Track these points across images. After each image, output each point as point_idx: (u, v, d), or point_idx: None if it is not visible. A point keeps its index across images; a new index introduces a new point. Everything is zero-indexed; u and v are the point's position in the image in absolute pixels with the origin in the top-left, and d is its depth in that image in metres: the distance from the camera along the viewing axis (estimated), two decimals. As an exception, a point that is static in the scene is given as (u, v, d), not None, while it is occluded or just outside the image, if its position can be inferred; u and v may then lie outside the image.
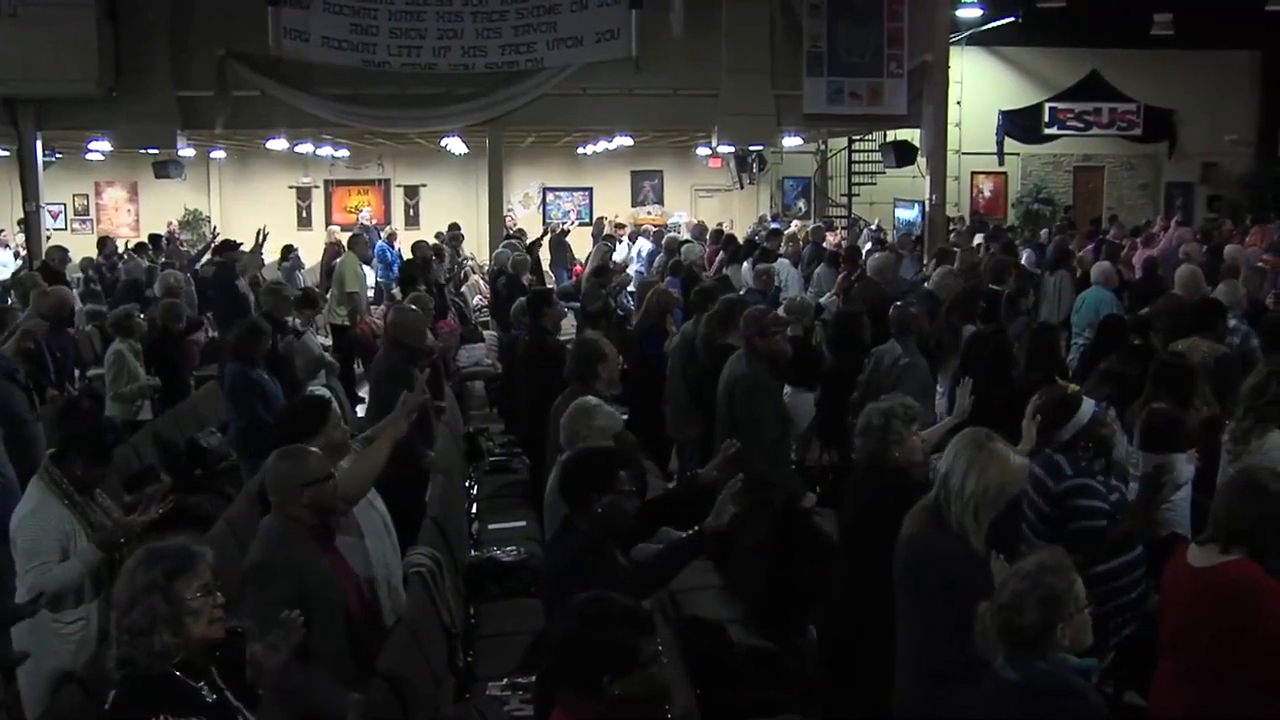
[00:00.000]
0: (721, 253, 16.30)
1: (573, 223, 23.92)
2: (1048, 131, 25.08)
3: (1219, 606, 4.23)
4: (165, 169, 18.49)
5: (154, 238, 19.23)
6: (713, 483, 5.28)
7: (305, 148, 22.07)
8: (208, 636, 3.66)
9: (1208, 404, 6.78)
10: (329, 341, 13.65)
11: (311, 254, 20.36)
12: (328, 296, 14.32)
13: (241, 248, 14.62)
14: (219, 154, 23.73)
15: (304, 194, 26.13)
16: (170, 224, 22.77)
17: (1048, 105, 24.94)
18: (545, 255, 20.12)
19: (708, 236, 18.38)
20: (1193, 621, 4.34)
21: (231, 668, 3.82)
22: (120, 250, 18.34)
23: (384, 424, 5.51)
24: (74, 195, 25.63)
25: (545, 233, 19.39)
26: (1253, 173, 25.14)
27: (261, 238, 15.55)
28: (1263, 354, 8.01)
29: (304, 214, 26.04)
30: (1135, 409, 6.63)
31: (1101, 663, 4.47)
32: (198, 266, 16.02)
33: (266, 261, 17.72)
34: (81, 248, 19.15)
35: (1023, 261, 15.81)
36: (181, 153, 17.77)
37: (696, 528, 4.90)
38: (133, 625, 3.55)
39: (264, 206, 24.12)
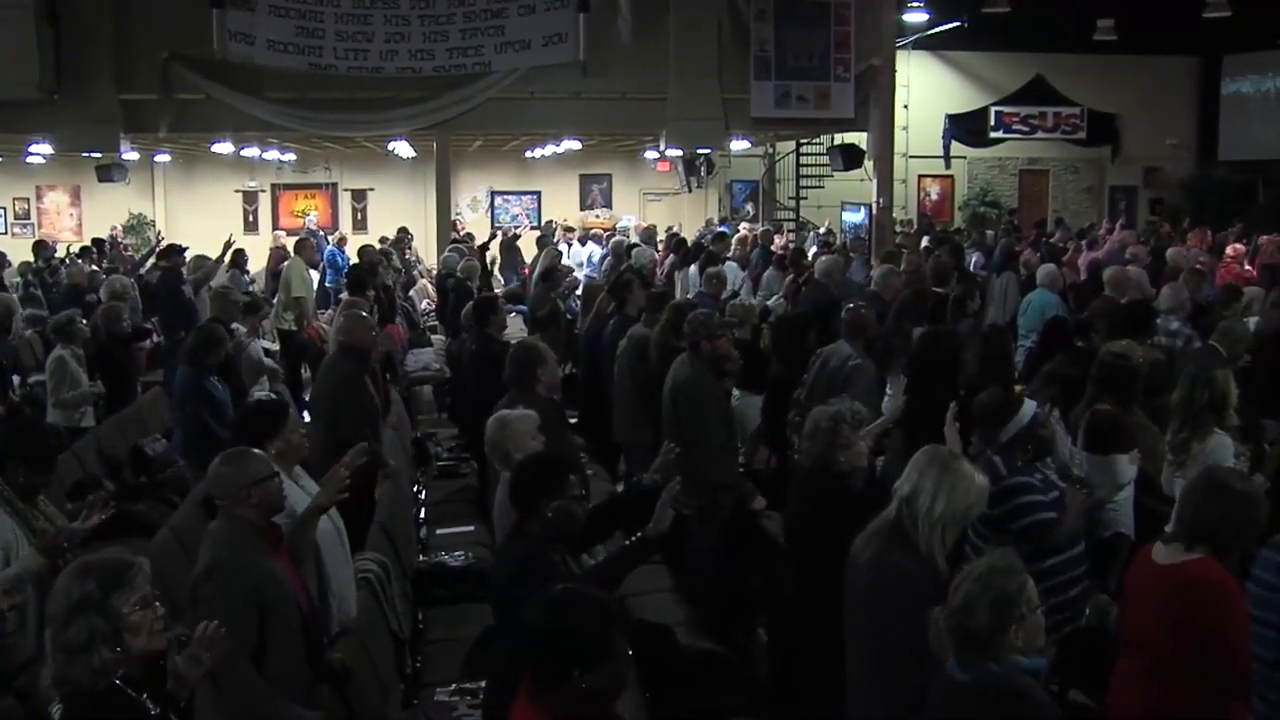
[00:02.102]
0: (672, 256, 16.33)
1: (523, 226, 23.88)
2: (993, 135, 25.31)
3: (1181, 604, 4.26)
4: (108, 173, 18.27)
5: (97, 242, 19.02)
6: (657, 487, 5.27)
7: (251, 151, 21.88)
8: (149, 650, 3.58)
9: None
10: (275, 346, 13.55)
11: (258, 258, 20.20)
12: (274, 301, 14.22)
13: (187, 252, 14.44)
14: (164, 157, 23.44)
15: (250, 198, 25.91)
16: (114, 228, 22.51)
17: (993, 109, 25.17)
18: (495, 258, 20.11)
19: (659, 240, 18.40)
20: (1155, 619, 4.37)
21: (156, 678, 3.74)
22: (62, 255, 18.12)
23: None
24: (14, 199, 25.31)
25: (492, 236, 19.33)
26: (1193, 176, 25.49)
27: (229, 247, 15.38)
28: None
29: (250, 218, 25.81)
30: (1079, 410, 6.71)
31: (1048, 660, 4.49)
32: (142, 271, 15.85)
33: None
34: (21, 252, 18.86)
35: (971, 264, 15.98)
36: (125, 156, 17.55)
37: (639, 533, 4.89)
38: (69, 643, 3.44)
39: (210, 210, 23.93)
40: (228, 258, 15.19)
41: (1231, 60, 25.26)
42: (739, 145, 19.84)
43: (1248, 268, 14.41)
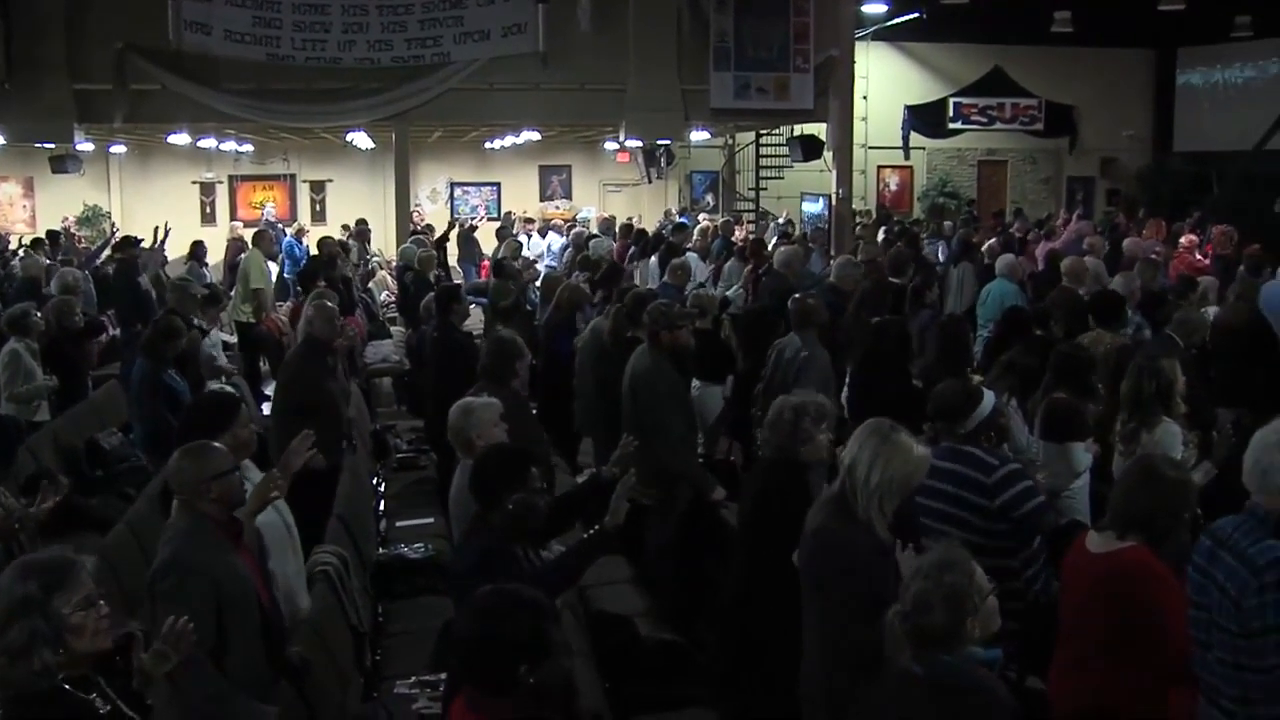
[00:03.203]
0: (632, 247, 16.33)
1: (481, 218, 23.80)
2: (952, 126, 25.43)
3: (1114, 592, 4.31)
4: (63, 164, 18.04)
5: (51, 234, 18.79)
6: (615, 479, 5.27)
7: (208, 142, 21.68)
8: (93, 650, 3.53)
9: (1101, 398, 6.90)
10: (234, 339, 13.46)
11: (216, 250, 20.03)
12: (232, 293, 14.12)
13: (142, 244, 14.33)
14: (119, 149, 23.20)
15: (208, 189, 25.65)
16: (67, 220, 22.26)
17: (952, 100, 25.29)
18: (453, 250, 20.04)
19: (617, 231, 18.40)
20: (1089, 607, 4.42)
21: (122, 675, 3.71)
22: (14, 247, 17.91)
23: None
24: (-34, 191, 25.01)
25: (451, 227, 19.27)
26: (1148, 167, 25.71)
27: (162, 234, 15.27)
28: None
29: (208, 210, 25.55)
30: (1036, 399, 6.76)
31: (1004, 649, 4.53)
32: (98, 263, 15.71)
33: (170, 258, 17.44)
34: (-26, 245, 18.67)
35: (937, 254, 16.08)
36: (79, 147, 17.36)
37: (596, 526, 4.89)
38: (9, 645, 3.38)
39: (167, 202, 23.62)
40: (166, 246, 15.03)
41: (1185, 53, 25.49)
42: (699, 136, 19.90)
43: (1198, 257, 14.56)
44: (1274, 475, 3.78)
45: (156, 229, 15.17)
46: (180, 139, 19.85)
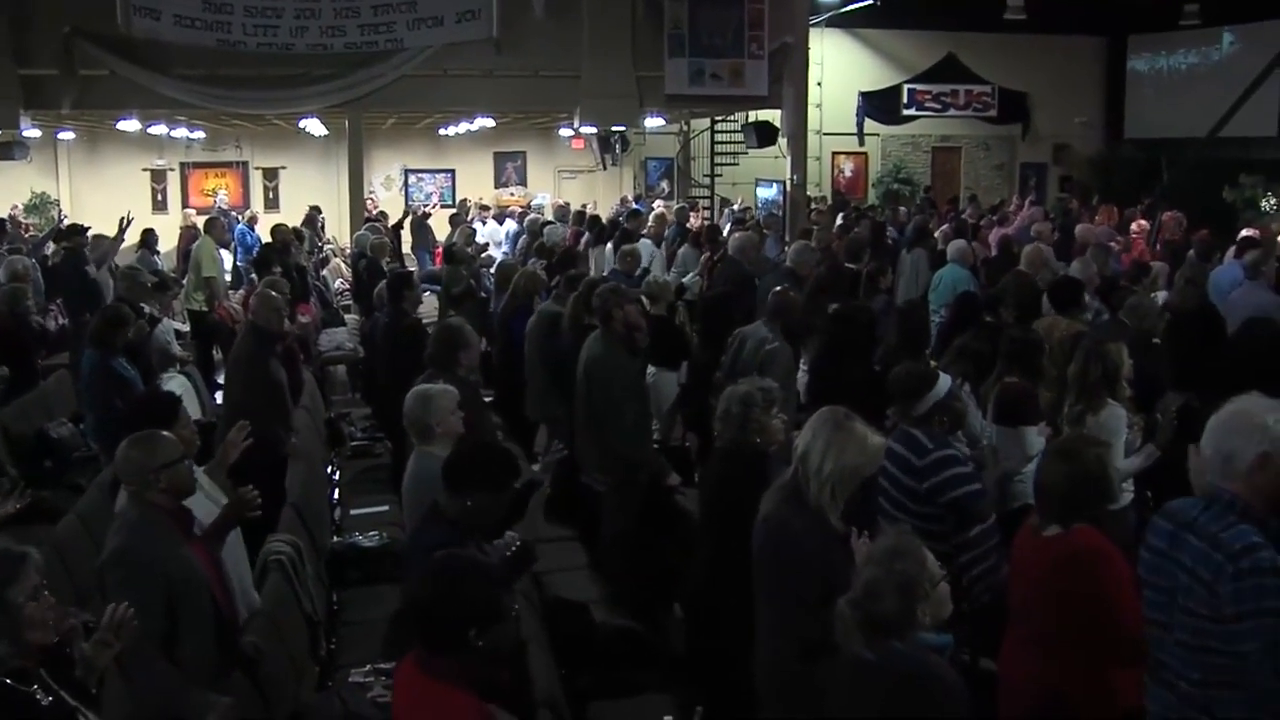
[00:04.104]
0: (586, 234, 16.30)
1: (435, 205, 23.69)
2: (906, 113, 25.55)
3: (1063, 574, 4.35)
4: (9, 150, 17.81)
5: (-3, 221, 18.53)
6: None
7: (159, 129, 21.44)
8: (43, 642, 3.52)
9: (1058, 383, 6.95)
10: (186, 328, 13.34)
11: (168, 238, 19.84)
12: (184, 282, 13.99)
13: (90, 232, 14.13)
14: (67, 135, 22.93)
15: (159, 177, 25.43)
16: (14, 208, 21.96)
17: (906, 87, 25.40)
18: (407, 238, 19.96)
19: (570, 218, 18.36)
20: (1039, 589, 4.45)
21: (63, 665, 3.67)
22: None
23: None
24: (-92, 178, 24.62)
25: (405, 215, 19.17)
26: (1100, 154, 25.94)
27: (125, 224, 15.08)
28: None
29: (159, 197, 25.34)
30: (989, 384, 6.81)
31: (959, 632, 4.56)
32: (46, 251, 15.49)
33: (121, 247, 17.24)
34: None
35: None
36: (26, 133, 17.09)
37: (520, 542, 4.89)
38: None
39: (116, 190, 23.40)
40: (128, 236, 14.86)
41: (1136, 40, 25.71)
42: (653, 123, 19.88)
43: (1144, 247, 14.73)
44: (1238, 461, 3.78)
45: (121, 219, 14.95)
46: (130, 125, 19.59)
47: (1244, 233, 13.47)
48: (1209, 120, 20.78)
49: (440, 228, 20.64)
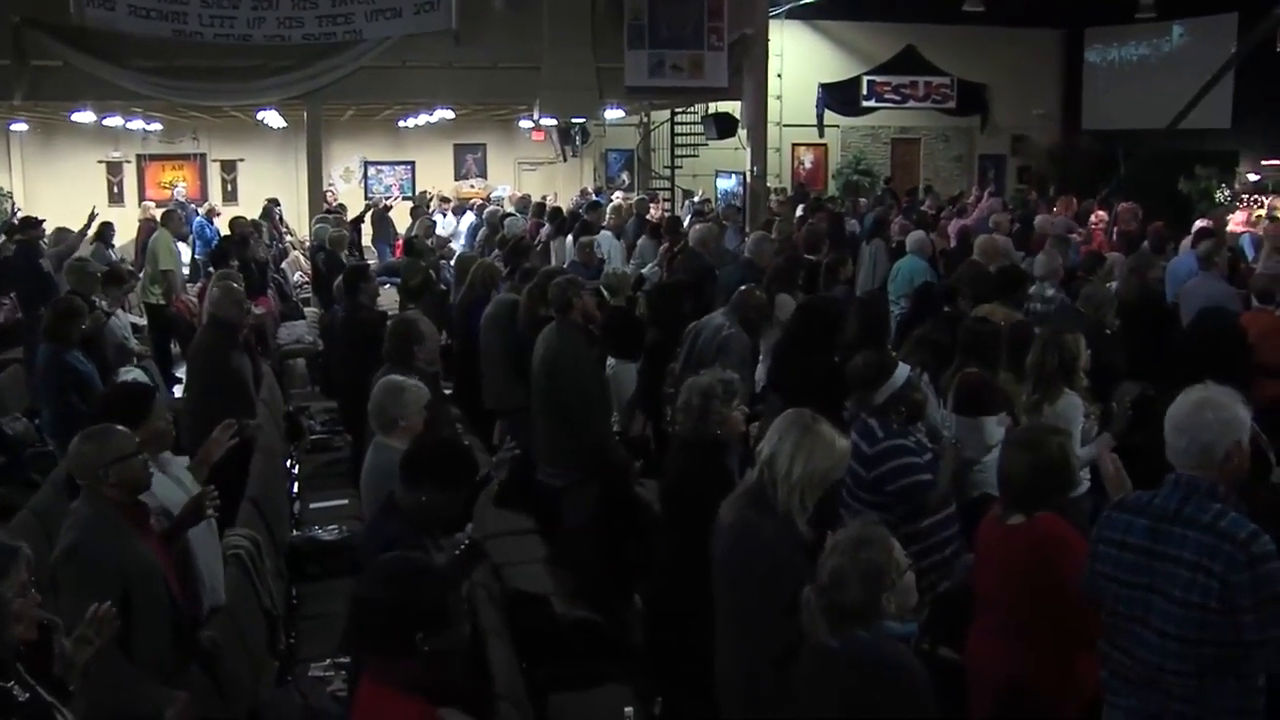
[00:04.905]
0: (546, 226, 16.27)
1: (395, 198, 23.59)
2: (866, 104, 25.55)
3: (1028, 562, 4.39)
4: (-40, 142, 17.63)
5: (-51, 216, 18.34)
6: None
7: (115, 121, 21.18)
8: (27, 638, 3.48)
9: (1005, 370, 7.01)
10: (143, 321, 13.24)
11: (125, 231, 19.65)
12: (141, 275, 13.87)
13: (45, 224, 13.98)
14: (20, 126, 22.64)
15: (115, 169, 25.14)
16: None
17: (866, 78, 25.40)
18: (368, 230, 19.88)
19: (530, 210, 18.33)
20: (1005, 577, 4.49)
21: (40, 661, 3.64)
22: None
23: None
24: None
25: (367, 209, 19.11)
26: (1058, 146, 26.11)
27: (90, 219, 14.91)
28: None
29: (115, 190, 25.05)
30: (948, 375, 6.85)
31: (919, 620, 4.58)
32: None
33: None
34: None
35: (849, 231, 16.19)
36: (-23, 126, 16.94)
37: (469, 541, 4.87)
38: None
39: (71, 182, 23.17)
40: (92, 230, 14.72)
41: (1092, 32, 25.87)
42: (614, 114, 19.85)
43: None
44: (1217, 450, 3.80)
45: (91, 214, 14.76)
46: (85, 117, 19.37)
47: (1198, 224, 13.60)
48: (1161, 112, 20.95)
49: (401, 220, 20.57)
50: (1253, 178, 18.76)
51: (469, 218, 19.77)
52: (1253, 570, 3.62)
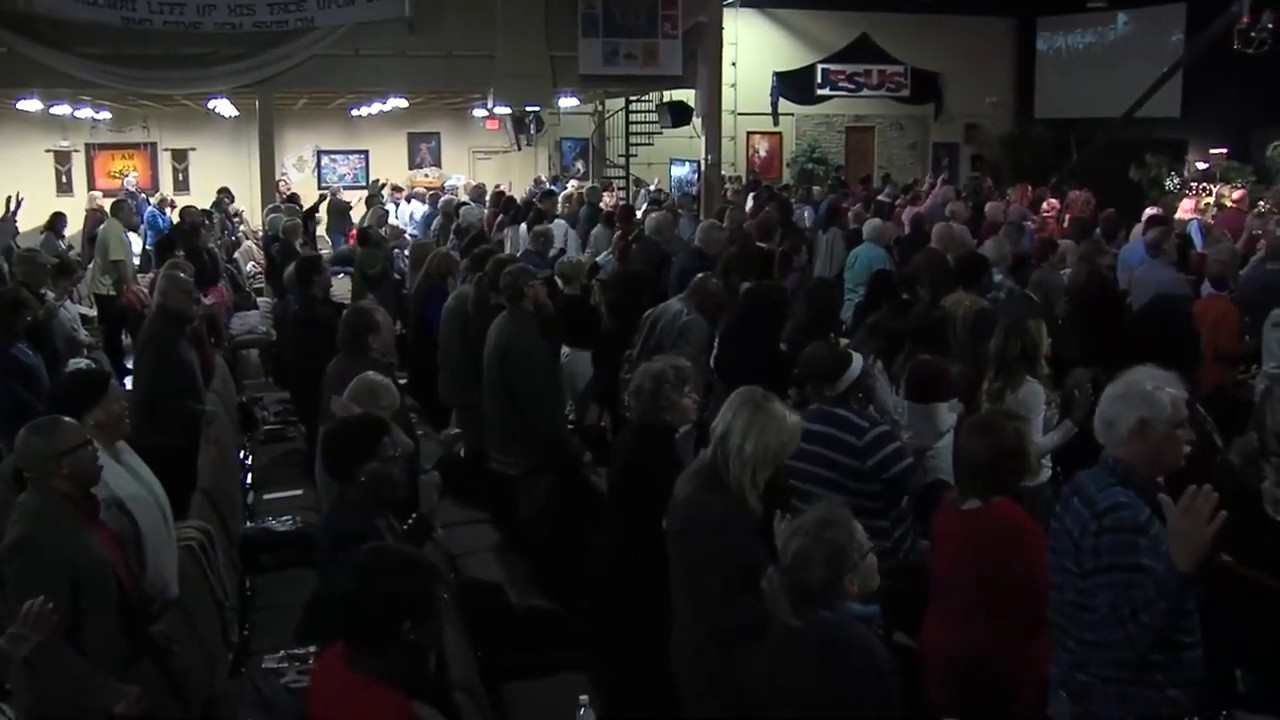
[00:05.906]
0: (501, 215, 16.23)
1: (353, 202, 23.48)
2: (820, 93, 25.62)
3: (983, 548, 4.44)
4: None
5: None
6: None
7: (63, 109, 20.90)
8: None
9: (964, 359, 7.06)
10: (93, 312, 13.10)
11: (75, 221, 19.41)
12: (90, 266, 13.73)
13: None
14: (-36, 115, 22.38)
15: (63, 158, 24.79)
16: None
17: (820, 67, 25.47)
18: (324, 220, 19.76)
19: (486, 199, 18.27)
20: (960, 562, 4.54)
21: None
22: None
23: None
24: None
25: (321, 199, 19.00)
26: (1011, 134, 26.29)
27: (14, 205, 14.74)
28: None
29: (64, 179, 24.71)
30: (900, 361, 6.88)
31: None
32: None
33: (25, 230, 16.86)
34: None
35: (805, 220, 16.25)
36: (-79, 113, 16.67)
37: (416, 515, 4.85)
38: None
39: (18, 172, 22.75)
40: (19, 217, 14.50)
41: (1044, 21, 26.06)
42: (568, 103, 19.85)
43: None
44: (1119, 426, 3.93)
45: (8, 199, 14.60)
46: (31, 104, 19.12)
47: (1148, 211, 13.75)
48: (1111, 100, 21.14)
49: (356, 211, 20.45)
50: (1201, 166, 18.95)
51: (415, 206, 19.70)
52: (1098, 538, 3.81)
